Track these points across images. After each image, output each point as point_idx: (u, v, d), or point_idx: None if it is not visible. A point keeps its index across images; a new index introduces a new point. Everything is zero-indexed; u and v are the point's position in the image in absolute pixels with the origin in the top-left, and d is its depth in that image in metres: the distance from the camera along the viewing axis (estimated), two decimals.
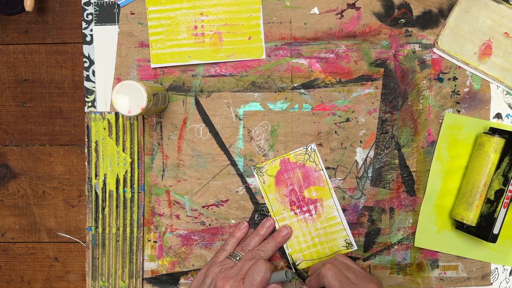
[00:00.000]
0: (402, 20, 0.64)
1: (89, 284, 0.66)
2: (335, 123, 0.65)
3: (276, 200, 0.65)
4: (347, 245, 0.65)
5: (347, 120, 0.65)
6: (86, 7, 0.65)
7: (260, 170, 0.65)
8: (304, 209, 0.65)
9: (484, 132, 0.63)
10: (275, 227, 0.65)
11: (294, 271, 0.64)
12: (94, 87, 0.65)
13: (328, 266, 0.56)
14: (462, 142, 0.64)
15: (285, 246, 0.65)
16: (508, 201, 0.60)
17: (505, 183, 0.60)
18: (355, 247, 0.65)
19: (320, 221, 0.65)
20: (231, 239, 0.64)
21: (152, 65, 0.65)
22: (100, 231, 0.66)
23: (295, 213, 0.65)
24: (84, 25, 0.65)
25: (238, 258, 0.61)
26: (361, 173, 0.65)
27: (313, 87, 0.65)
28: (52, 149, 0.66)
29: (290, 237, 0.65)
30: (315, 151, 0.64)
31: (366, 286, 0.54)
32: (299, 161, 0.65)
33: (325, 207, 0.65)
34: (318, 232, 0.65)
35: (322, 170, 0.64)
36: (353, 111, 0.65)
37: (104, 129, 0.65)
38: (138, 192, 0.66)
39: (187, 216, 0.66)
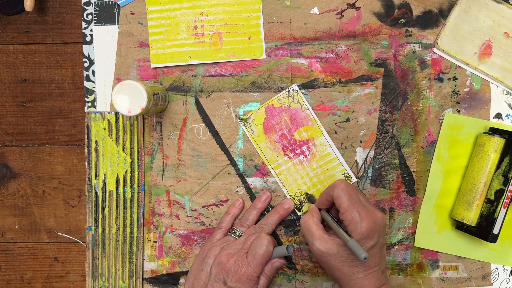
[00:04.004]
0: (402, 20, 0.64)
1: (89, 284, 0.66)
2: (335, 123, 0.65)
3: (268, 148, 0.64)
4: (346, 178, 0.65)
5: (347, 120, 0.65)
6: (86, 7, 0.65)
7: (247, 121, 0.64)
8: (298, 151, 0.64)
9: (484, 132, 0.63)
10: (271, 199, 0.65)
11: (300, 211, 0.64)
12: (94, 87, 0.65)
13: (341, 179, 0.57)
14: (462, 142, 0.64)
15: (285, 191, 0.65)
16: (508, 201, 0.60)
17: (505, 183, 0.60)
18: (355, 179, 0.65)
19: (316, 160, 0.64)
20: (226, 217, 0.64)
21: (152, 65, 0.65)
22: (100, 231, 0.66)
23: (290, 158, 0.64)
24: (84, 25, 0.65)
25: (237, 233, 0.62)
26: (361, 173, 0.65)
27: (313, 87, 0.65)
28: (52, 149, 0.66)
29: (292, 210, 0.65)
30: (297, 91, 0.63)
31: (373, 211, 0.55)
32: (283, 105, 0.64)
33: (317, 146, 0.64)
34: (316, 171, 0.65)
35: (308, 109, 0.64)
36: (353, 111, 0.65)
37: (104, 129, 0.65)
38: (138, 192, 0.66)
39: (187, 216, 0.66)
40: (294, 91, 0.64)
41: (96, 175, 0.66)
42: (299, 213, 0.65)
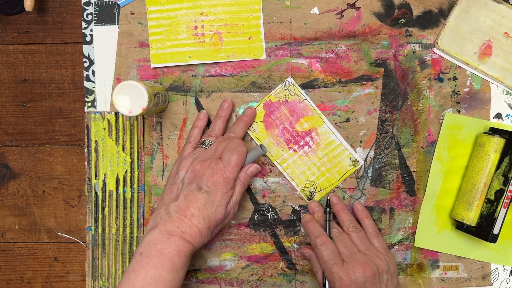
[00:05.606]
0: (402, 20, 0.64)
1: (89, 284, 0.66)
2: (335, 123, 0.65)
3: (272, 144, 0.64)
4: (353, 163, 0.64)
5: (347, 120, 0.65)
6: (86, 7, 0.65)
7: None
8: (301, 143, 0.64)
9: (484, 132, 0.63)
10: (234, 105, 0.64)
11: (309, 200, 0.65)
12: (94, 87, 0.65)
13: (324, 240, 0.57)
14: (462, 142, 0.64)
15: (294, 184, 0.65)
16: (508, 201, 0.60)
17: (505, 183, 0.60)
18: (362, 162, 0.65)
19: (321, 149, 0.64)
20: (194, 130, 0.63)
21: (152, 65, 0.65)
22: (100, 231, 0.66)
23: (294, 150, 0.64)
24: (84, 25, 0.65)
25: (207, 143, 0.60)
26: (361, 173, 0.65)
27: (313, 87, 0.65)
28: (52, 149, 0.66)
29: (255, 115, 0.64)
30: (293, 84, 0.63)
31: (353, 267, 0.54)
32: (281, 99, 0.64)
33: (320, 134, 0.64)
34: (322, 160, 0.64)
35: (306, 99, 0.64)
36: (353, 111, 0.65)
37: (104, 129, 0.65)
38: (138, 192, 0.66)
39: None
40: (290, 84, 0.64)
41: (96, 175, 0.66)
42: (308, 202, 0.65)
